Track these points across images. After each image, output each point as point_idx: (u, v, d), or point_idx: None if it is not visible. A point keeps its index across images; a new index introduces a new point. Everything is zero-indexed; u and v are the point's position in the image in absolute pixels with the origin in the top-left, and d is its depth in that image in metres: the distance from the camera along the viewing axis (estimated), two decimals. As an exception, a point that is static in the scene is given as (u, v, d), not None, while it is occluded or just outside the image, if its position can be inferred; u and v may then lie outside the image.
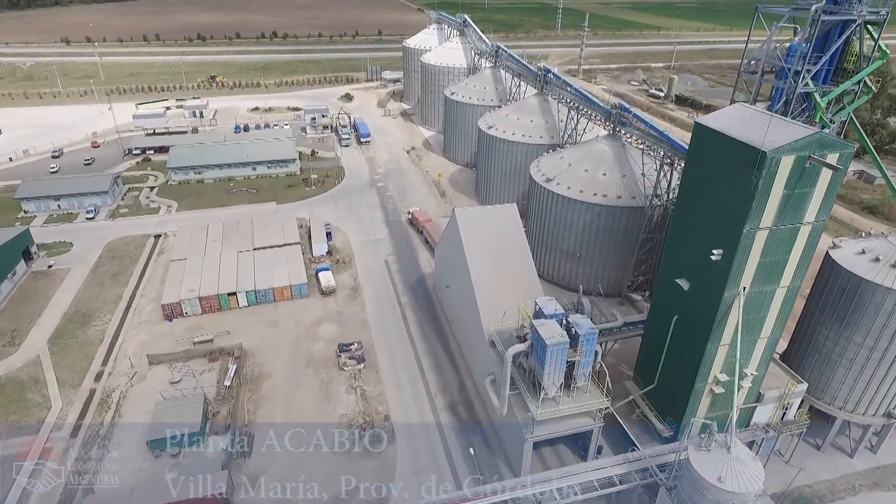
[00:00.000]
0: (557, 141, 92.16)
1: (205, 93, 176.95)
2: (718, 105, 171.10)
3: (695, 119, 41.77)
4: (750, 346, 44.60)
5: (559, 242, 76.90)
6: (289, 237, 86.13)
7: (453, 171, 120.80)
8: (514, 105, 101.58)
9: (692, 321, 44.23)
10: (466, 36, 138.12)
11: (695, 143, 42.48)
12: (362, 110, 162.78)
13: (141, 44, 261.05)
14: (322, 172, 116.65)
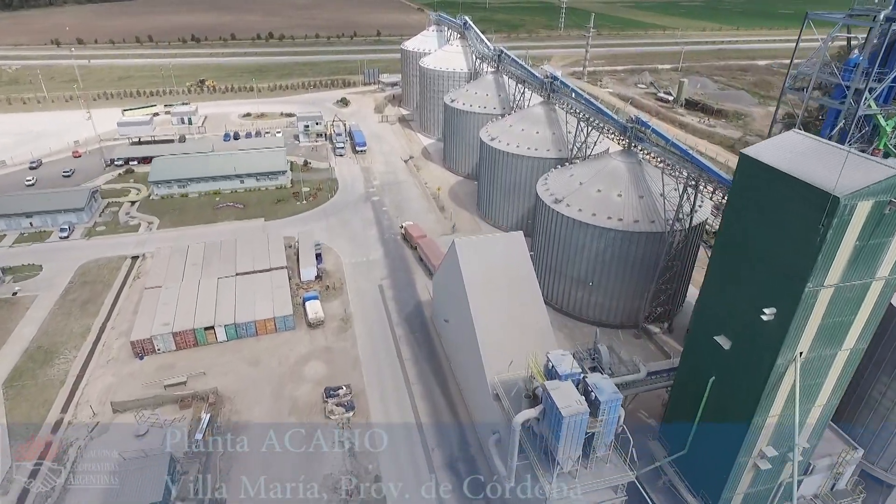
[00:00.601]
0: (565, 154, 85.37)
1: (195, 98, 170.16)
2: (730, 110, 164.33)
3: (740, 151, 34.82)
4: (802, 416, 37.77)
5: (569, 269, 70.09)
6: (275, 260, 79.37)
7: (453, 182, 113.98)
8: (519, 114, 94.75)
9: (734, 387, 37.42)
10: (467, 39, 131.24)
11: (741, 178, 35.57)
12: (358, 116, 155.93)
13: (133, 45, 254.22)
14: (314, 185, 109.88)
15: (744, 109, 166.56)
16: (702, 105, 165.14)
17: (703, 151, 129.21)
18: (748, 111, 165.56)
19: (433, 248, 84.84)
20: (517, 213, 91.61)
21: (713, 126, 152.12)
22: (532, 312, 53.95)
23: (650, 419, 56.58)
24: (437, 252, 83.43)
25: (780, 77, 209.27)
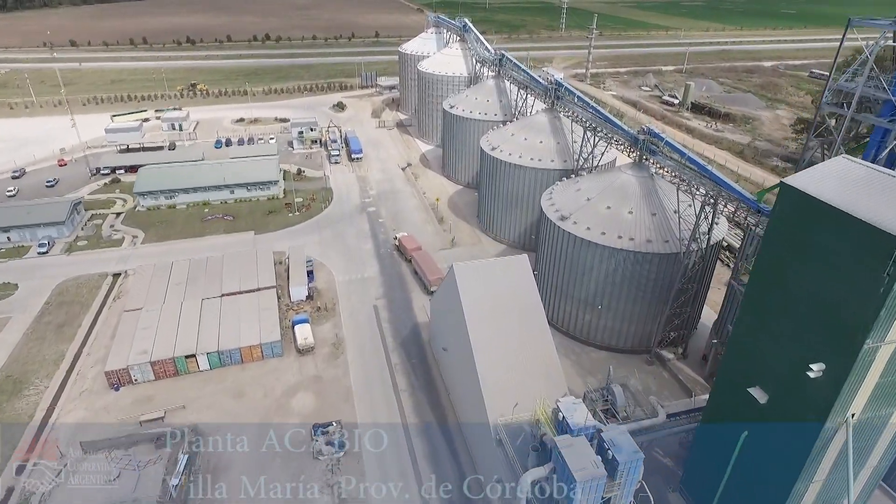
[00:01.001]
0: (571, 165, 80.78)
1: (187, 102, 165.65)
2: (737, 113, 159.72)
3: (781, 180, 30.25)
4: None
5: (576, 290, 65.51)
6: (263, 279, 74.82)
7: (452, 192, 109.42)
8: (521, 122, 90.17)
9: (772, 448, 32.88)
10: (467, 41, 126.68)
11: (783, 212, 30.96)
12: (355, 121, 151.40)
13: (127, 48, 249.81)
14: (308, 195, 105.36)
15: (752, 113, 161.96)
16: (708, 109, 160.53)
17: (712, 158, 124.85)
18: (756, 115, 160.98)
19: (428, 261, 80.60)
20: (520, 226, 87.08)
21: (720, 131, 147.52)
22: (538, 345, 49.45)
23: (667, 458, 52.07)
24: (433, 266, 79.36)
25: (788, 79, 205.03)
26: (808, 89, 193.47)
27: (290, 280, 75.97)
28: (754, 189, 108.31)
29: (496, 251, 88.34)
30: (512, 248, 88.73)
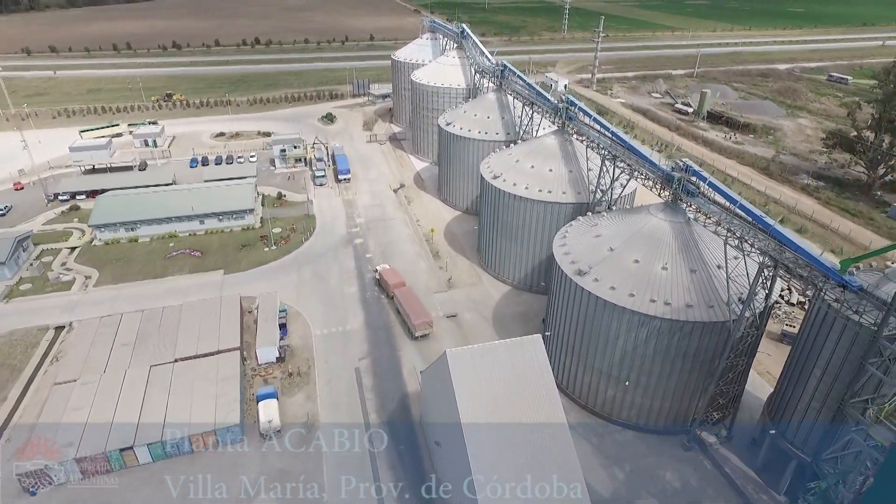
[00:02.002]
0: (586, 198, 69.47)
1: (165, 114, 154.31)
2: (757, 123, 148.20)
3: None
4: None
5: (597, 360, 54.23)
6: (226, 338, 63.46)
7: (450, 219, 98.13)
8: (527, 146, 78.82)
9: None
10: (465, 49, 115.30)
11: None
12: (345, 135, 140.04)
13: (109, 53, 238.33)
14: (288, 224, 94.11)
15: (772, 122, 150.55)
16: (726, 118, 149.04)
17: (736, 177, 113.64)
18: (777, 124, 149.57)
19: (413, 301, 70.46)
20: (526, 265, 75.83)
21: (741, 143, 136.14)
22: (555, 452, 38.31)
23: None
24: (418, 308, 69.40)
25: (806, 83, 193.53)
26: (828, 94, 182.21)
27: (258, 337, 64.69)
28: (785, 212, 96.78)
29: (499, 293, 77.09)
30: (517, 288, 77.54)
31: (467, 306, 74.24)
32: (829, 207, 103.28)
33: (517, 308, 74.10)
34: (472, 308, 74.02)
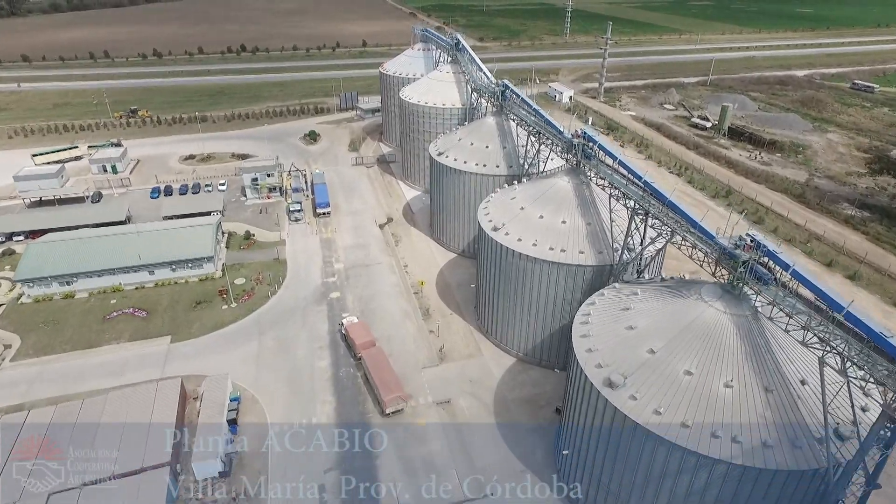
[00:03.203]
0: (608, 257, 55.83)
1: (132, 133, 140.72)
2: (784, 140, 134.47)
3: None
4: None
5: (636, 499, 40.52)
6: (155, 447, 49.70)
7: (443, 263, 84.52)
8: (534, 187, 65.16)
9: None
10: (460, 64, 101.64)
11: None
12: (328, 156, 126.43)
13: (84, 62, 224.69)
14: (253, 273, 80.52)
15: (800, 139, 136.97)
16: (749, 134, 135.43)
17: (769, 206, 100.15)
18: (805, 140, 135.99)
19: (383, 368, 58.87)
20: (536, 335, 62.19)
21: (768, 164, 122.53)
22: None
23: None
24: (389, 377, 57.87)
25: (830, 92, 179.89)
26: (854, 104, 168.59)
27: (198, 442, 50.95)
28: (832, 252, 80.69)
29: (501, 368, 63.48)
30: (525, 362, 63.87)
31: (463, 387, 60.55)
32: (880, 244, 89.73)
33: (525, 390, 60.40)
34: (468, 389, 60.31)
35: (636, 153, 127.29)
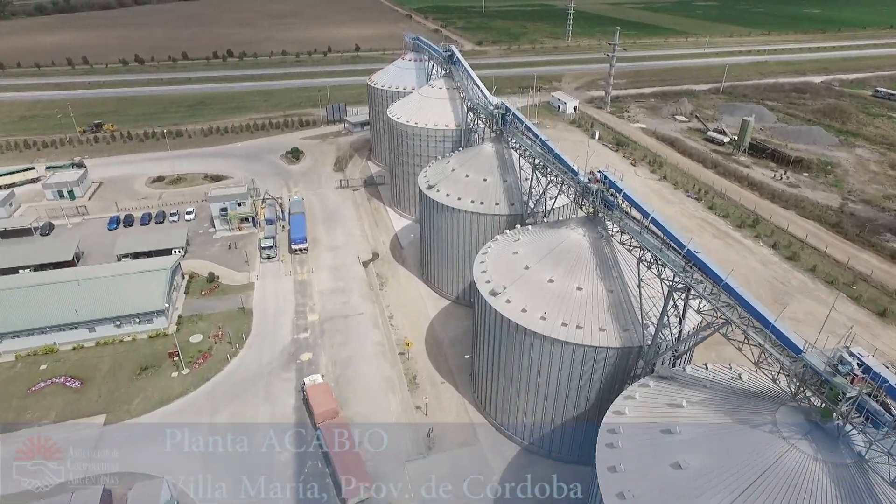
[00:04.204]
0: (637, 338, 44.36)
1: (99, 150, 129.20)
2: (809, 156, 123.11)
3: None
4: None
5: None
6: None
7: (434, 313, 73.10)
8: (542, 238, 53.72)
9: None
10: (455, 79, 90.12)
11: None
12: (311, 177, 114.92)
13: (61, 69, 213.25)
14: (213, 327, 69.08)
15: (827, 155, 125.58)
16: (772, 150, 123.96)
17: (803, 238, 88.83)
18: (833, 157, 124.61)
19: (346, 455, 48.35)
20: (545, 424, 50.68)
21: (795, 185, 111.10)
22: None
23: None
24: (353, 461, 47.80)
25: (852, 101, 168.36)
26: (880, 114, 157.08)
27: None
28: (884, 299, 70.61)
29: (502, 461, 52.02)
30: (531, 452, 52.40)
31: (455, 490, 48.95)
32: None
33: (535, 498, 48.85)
34: (461, 493, 48.81)
35: (649, 173, 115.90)
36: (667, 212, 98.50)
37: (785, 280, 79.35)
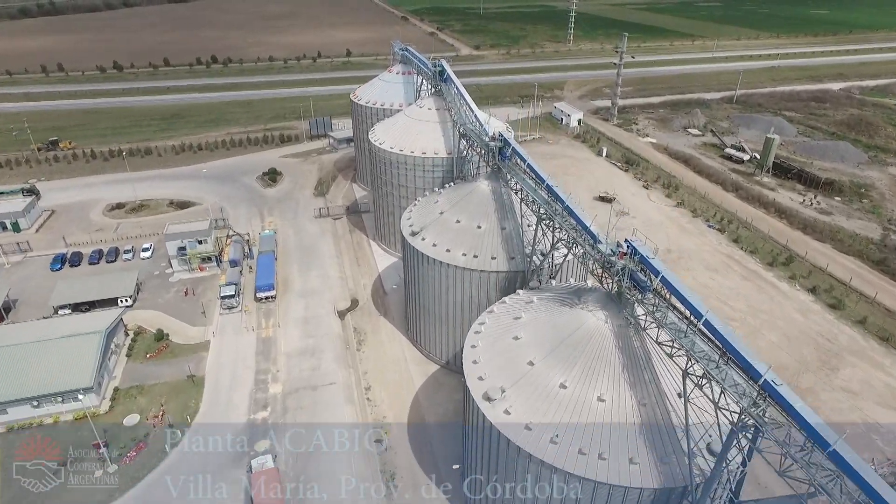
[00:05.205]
0: (673, 475, 32.73)
1: (59, 171, 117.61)
2: (841, 177, 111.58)
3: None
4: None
5: None
6: None
7: (420, 382, 61.57)
8: (549, 317, 42.17)
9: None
10: (445, 98, 78.47)
11: None
12: (288, 203, 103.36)
13: (35, 77, 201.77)
14: (154, 405, 57.52)
15: (858, 175, 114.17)
16: (798, 170, 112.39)
17: (847, 281, 77.37)
18: (865, 178, 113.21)
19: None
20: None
21: (827, 211, 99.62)
22: None
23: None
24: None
25: (876, 111, 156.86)
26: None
27: None
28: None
29: None
30: None
31: None
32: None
33: None
34: None
35: (664, 197, 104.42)
36: (686, 246, 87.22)
37: (831, 336, 67.87)
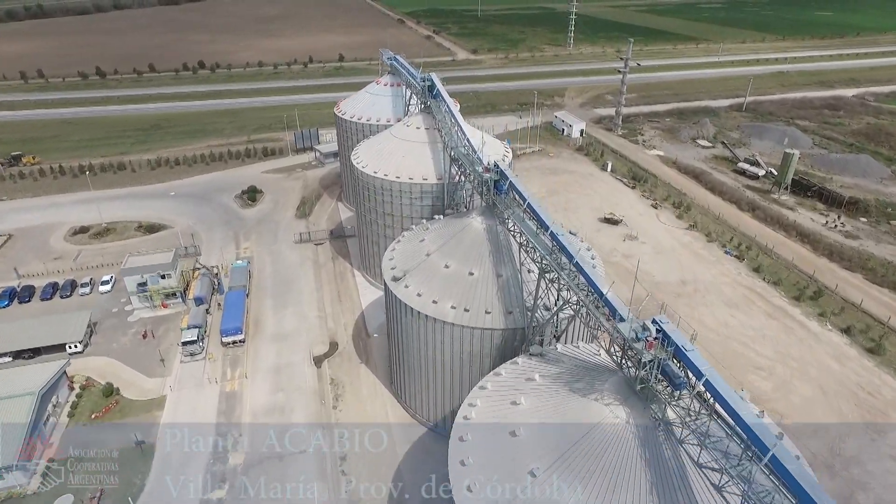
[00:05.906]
0: None
1: (22, 189, 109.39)
2: (866, 196, 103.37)
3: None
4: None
5: None
6: None
7: (404, 450, 53.29)
8: (558, 405, 33.88)
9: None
10: (435, 118, 70.19)
11: None
12: (267, 225, 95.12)
13: (14, 84, 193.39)
14: (93, 482, 49.18)
15: (883, 193, 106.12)
16: (819, 187, 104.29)
17: (885, 321, 69.28)
18: (891, 195, 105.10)
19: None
20: None
21: (854, 235, 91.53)
22: None
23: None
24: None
25: (889, 118, 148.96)
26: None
27: None
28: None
29: None
30: None
31: None
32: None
33: None
34: None
35: (675, 218, 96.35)
36: (702, 276, 79.27)
37: (873, 388, 59.78)
